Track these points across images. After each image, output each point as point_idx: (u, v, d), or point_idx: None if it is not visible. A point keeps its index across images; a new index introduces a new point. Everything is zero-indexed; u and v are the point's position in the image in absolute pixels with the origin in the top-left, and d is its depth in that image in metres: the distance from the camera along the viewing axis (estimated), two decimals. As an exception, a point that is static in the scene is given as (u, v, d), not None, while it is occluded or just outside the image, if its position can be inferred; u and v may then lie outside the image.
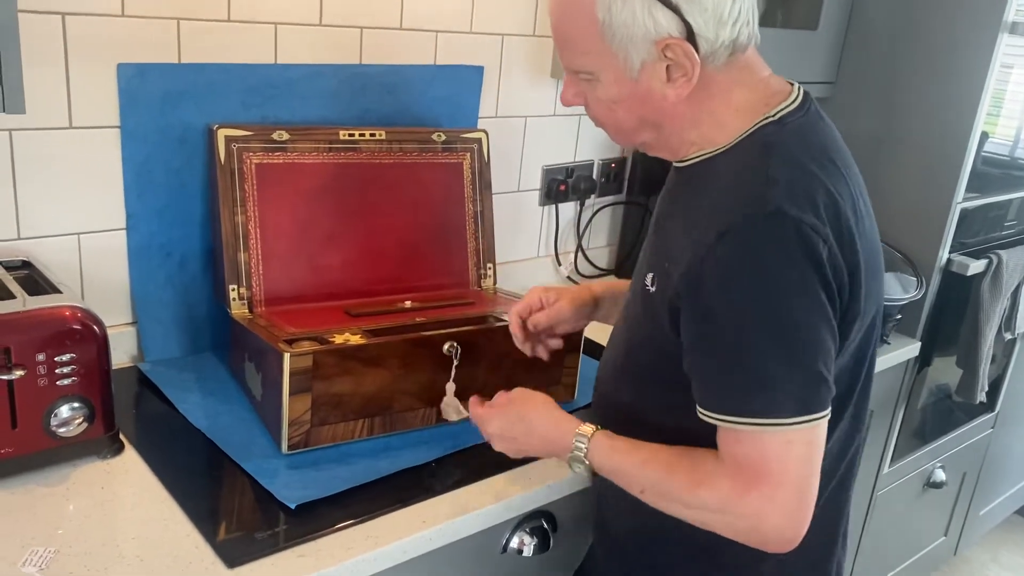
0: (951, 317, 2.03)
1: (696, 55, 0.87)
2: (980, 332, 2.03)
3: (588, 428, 0.98)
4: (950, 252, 1.93)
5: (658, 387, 0.98)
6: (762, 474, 0.84)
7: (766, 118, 0.91)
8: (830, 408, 0.86)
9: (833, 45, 1.93)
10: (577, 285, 1.28)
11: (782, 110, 0.92)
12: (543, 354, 1.25)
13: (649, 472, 0.92)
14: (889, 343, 1.80)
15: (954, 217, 1.88)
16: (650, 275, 0.95)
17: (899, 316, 1.78)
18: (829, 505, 1.01)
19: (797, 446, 0.84)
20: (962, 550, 2.70)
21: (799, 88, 0.96)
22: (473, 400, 1.12)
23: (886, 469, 2.11)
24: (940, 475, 2.31)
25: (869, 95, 1.94)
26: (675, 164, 0.99)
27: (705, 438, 0.89)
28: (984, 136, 1.86)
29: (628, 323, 1.04)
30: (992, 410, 2.45)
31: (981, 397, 2.14)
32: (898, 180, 1.92)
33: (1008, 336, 2.18)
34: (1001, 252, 2.00)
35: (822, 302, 0.84)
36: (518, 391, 1.09)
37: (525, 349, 1.23)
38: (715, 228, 0.84)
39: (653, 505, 0.93)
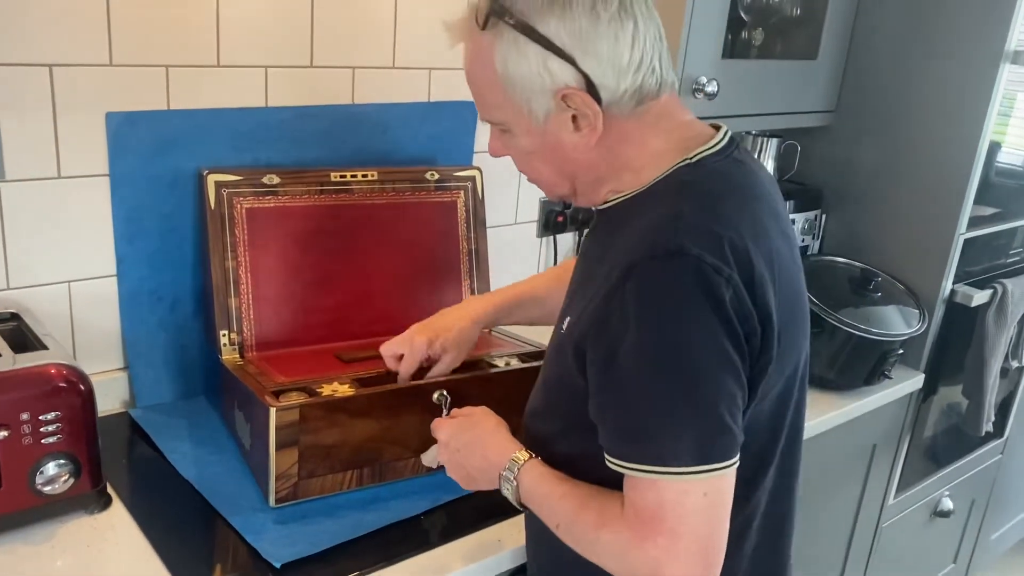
0: (956, 348, 2.00)
1: (596, 104, 0.86)
2: (985, 363, 2.00)
3: (525, 454, 0.96)
4: (953, 283, 1.90)
5: (576, 432, 0.94)
6: (659, 523, 0.81)
7: (684, 161, 0.90)
8: (736, 458, 0.83)
9: (833, 75, 1.91)
10: (456, 314, 1.27)
11: (701, 153, 0.90)
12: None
13: (566, 506, 0.90)
14: (891, 378, 1.78)
15: (957, 247, 1.86)
16: (567, 319, 0.94)
17: (900, 351, 1.75)
18: (760, 565, 0.98)
19: (694, 497, 0.81)
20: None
21: (725, 132, 0.94)
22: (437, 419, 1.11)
23: (891, 500, 2.08)
24: (947, 504, 2.28)
25: (869, 125, 1.92)
26: (596, 208, 0.98)
27: (618, 483, 0.86)
28: (988, 163, 1.84)
29: (546, 362, 1.02)
30: (1001, 436, 2.42)
31: (987, 428, 2.11)
32: (899, 211, 1.90)
33: (1015, 364, 2.15)
34: (1006, 281, 1.98)
35: (723, 346, 0.81)
36: (480, 409, 1.07)
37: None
38: (620, 267, 0.83)
39: (567, 542, 0.91)
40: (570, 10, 0.84)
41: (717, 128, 0.94)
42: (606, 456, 0.86)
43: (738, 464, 0.83)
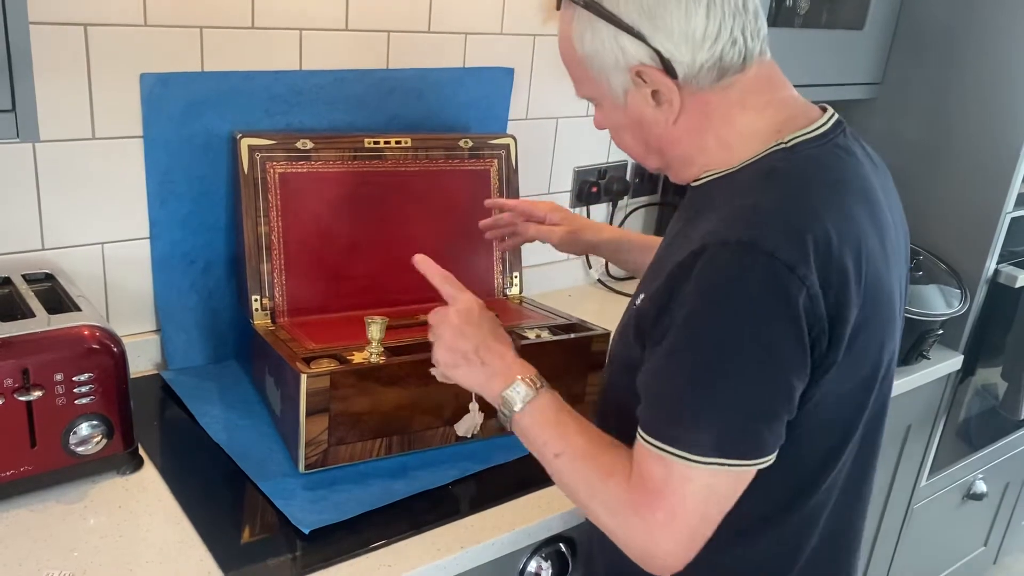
0: (997, 329, 1.96)
1: (670, 80, 0.85)
2: (1027, 345, 1.96)
3: (540, 380, 0.94)
4: (998, 263, 1.85)
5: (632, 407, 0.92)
6: (660, 499, 0.80)
7: (777, 144, 0.86)
8: (762, 459, 0.81)
9: (880, 46, 1.85)
10: (589, 224, 1.41)
11: (797, 137, 0.86)
12: (499, 244, 1.44)
13: (580, 441, 0.89)
14: (929, 358, 1.74)
15: (1003, 226, 1.81)
16: (642, 295, 0.92)
17: (940, 332, 1.72)
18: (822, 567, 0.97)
19: (696, 484, 0.80)
20: (1002, 559, 2.64)
21: (830, 116, 0.90)
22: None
23: (923, 482, 2.06)
24: (981, 486, 2.25)
25: (916, 98, 1.87)
26: (690, 184, 0.96)
27: None
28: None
29: (615, 337, 1.00)
30: (1039, 419, 2.37)
31: (1026, 412, 2.07)
32: (943, 187, 1.85)
33: (1058, 347, 2.10)
34: (1052, 262, 1.92)
35: (782, 349, 0.78)
36: (477, 302, 1.01)
37: (488, 232, 1.42)
38: (691, 250, 0.80)
39: (557, 474, 0.90)
40: None
41: (824, 110, 0.91)
42: (639, 430, 0.84)
43: (770, 463, 0.81)
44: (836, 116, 0.91)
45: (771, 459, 0.82)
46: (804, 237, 0.78)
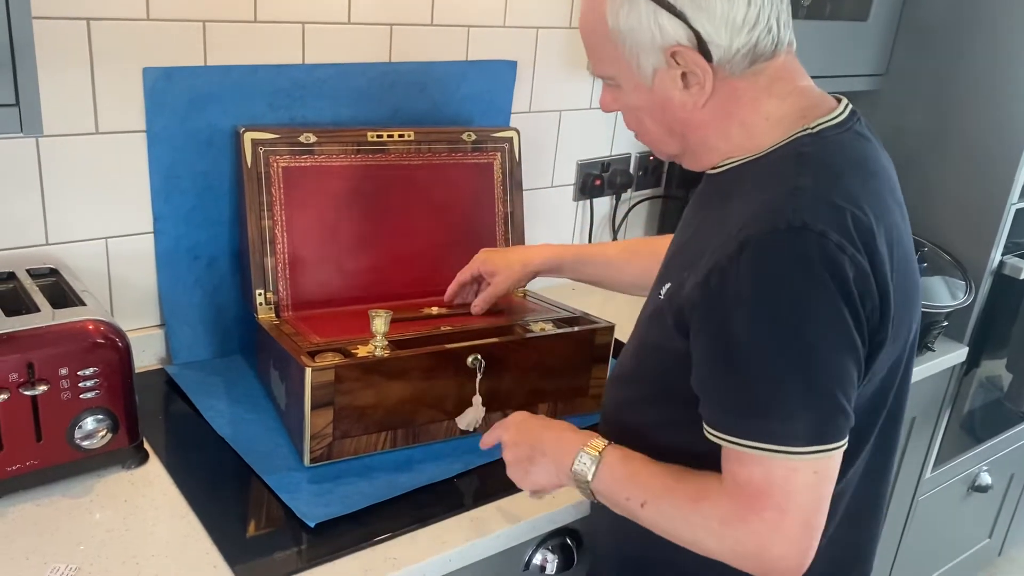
0: (1002, 321, 1.95)
1: (706, 63, 0.84)
2: (1032, 337, 1.95)
3: (600, 442, 0.94)
4: (1003, 254, 1.85)
5: (664, 400, 0.94)
6: (765, 499, 0.79)
7: (804, 130, 0.86)
8: (846, 439, 0.82)
9: (884, 37, 1.84)
10: (522, 253, 1.36)
11: (822, 124, 0.87)
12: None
13: (657, 483, 0.88)
14: (934, 350, 1.74)
15: (1008, 217, 1.80)
16: (667, 285, 0.92)
17: (945, 323, 1.71)
18: (845, 542, 0.97)
19: (803, 475, 0.79)
20: (1007, 550, 2.63)
21: (846, 105, 0.91)
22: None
23: (928, 474, 2.06)
24: (986, 478, 2.24)
25: (920, 89, 1.86)
26: (707, 172, 0.96)
27: (711, 460, 0.85)
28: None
29: (640, 328, 1.00)
30: (1044, 410, 2.37)
31: (1031, 403, 2.07)
32: (948, 178, 1.84)
33: (1063, 339, 2.10)
34: (1058, 253, 1.92)
35: (847, 327, 0.79)
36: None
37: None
38: (736, 239, 0.80)
39: (651, 523, 0.88)
40: None
41: (840, 100, 0.91)
42: (706, 427, 0.84)
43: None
44: (851, 105, 0.92)
45: (847, 439, 0.82)
46: (846, 217, 0.79)
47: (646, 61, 0.86)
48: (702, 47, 0.84)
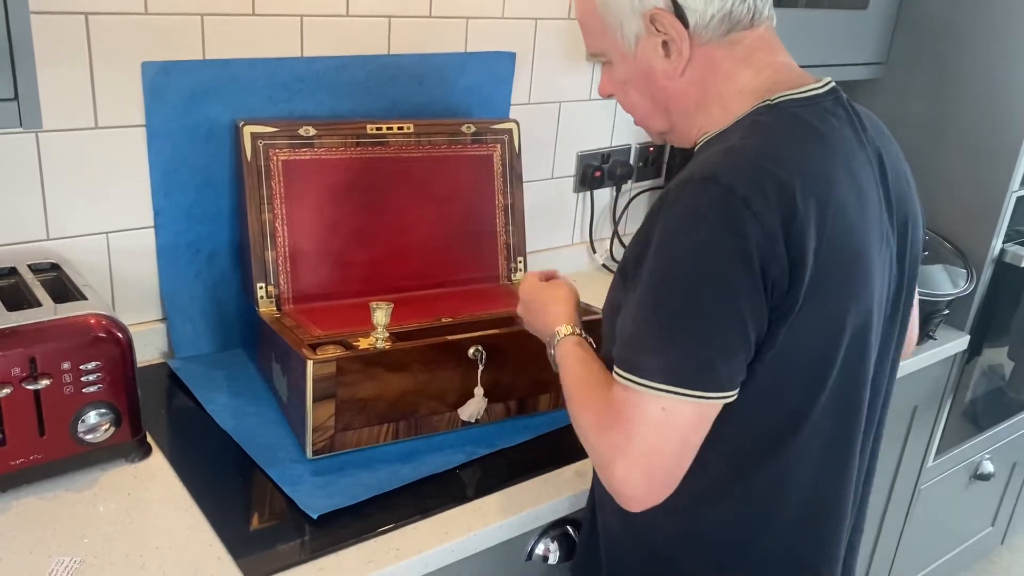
0: (1003, 309, 1.95)
1: (682, 27, 0.88)
2: (1034, 325, 1.95)
3: (568, 329, 1.04)
4: (1004, 242, 1.85)
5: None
6: (619, 419, 0.84)
7: (764, 101, 0.88)
8: (717, 394, 0.82)
9: (884, 25, 1.84)
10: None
11: (784, 97, 0.88)
12: None
13: (576, 382, 0.96)
14: (935, 339, 1.74)
15: (1009, 206, 1.80)
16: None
17: (946, 312, 1.71)
18: (798, 548, 0.97)
19: (650, 408, 0.82)
20: (1010, 539, 2.64)
21: (826, 83, 0.91)
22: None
23: (930, 463, 2.06)
24: (988, 467, 2.25)
25: (921, 78, 1.86)
26: (694, 149, 0.97)
27: None
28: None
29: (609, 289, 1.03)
30: (1046, 398, 2.37)
31: (1033, 391, 2.07)
32: (948, 167, 1.84)
33: (1064, 326, 2.10)
34: (1059, 241, 1.92)
35: (733, 282, 0.79)
36: (564, 280, 1.16)
37: None
38: (664, 190, 0.85)
39: (570, 411, 0.95)
40: None
41: (820, 80, 0.92)
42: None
43: (731, 401, 0.84)
44: (832, 85, 0.92)
45: (729, 396, 0.83)
46: (764, 175, 0.80)
47: (628, 28, 0.91)
48: (678, 11, 0.88)
